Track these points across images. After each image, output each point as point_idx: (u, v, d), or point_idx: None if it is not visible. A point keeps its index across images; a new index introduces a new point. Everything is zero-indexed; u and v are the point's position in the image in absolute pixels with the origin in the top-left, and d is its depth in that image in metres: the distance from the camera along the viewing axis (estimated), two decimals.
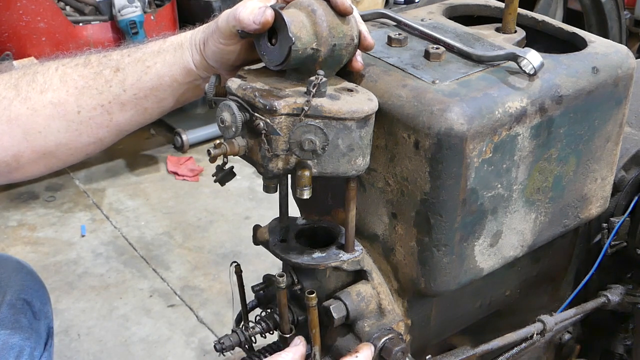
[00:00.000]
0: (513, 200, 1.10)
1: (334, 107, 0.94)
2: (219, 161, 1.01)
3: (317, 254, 1.08)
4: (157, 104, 1.13)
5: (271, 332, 1.13)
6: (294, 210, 1.18)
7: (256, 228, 1.14)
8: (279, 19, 0.96)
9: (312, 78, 0.94)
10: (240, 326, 1.15)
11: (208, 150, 0.96)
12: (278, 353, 1.06)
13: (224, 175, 1.06)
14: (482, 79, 1.05)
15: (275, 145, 0.95)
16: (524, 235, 1.16)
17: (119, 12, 3.11)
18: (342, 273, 1.12)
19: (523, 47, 1.16)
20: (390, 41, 1.15)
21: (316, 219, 1.17)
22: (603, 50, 1.17)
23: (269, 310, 1.14)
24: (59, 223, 2.96)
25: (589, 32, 1.24)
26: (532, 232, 1.17)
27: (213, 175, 1.05)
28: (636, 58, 1.20)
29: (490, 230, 1.09)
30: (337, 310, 1.09)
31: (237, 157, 1.00)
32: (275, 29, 0.97)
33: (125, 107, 1.12)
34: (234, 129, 0.95)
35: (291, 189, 1.11)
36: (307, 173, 0.97)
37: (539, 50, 1.07)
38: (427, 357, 1.18)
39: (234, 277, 1.21)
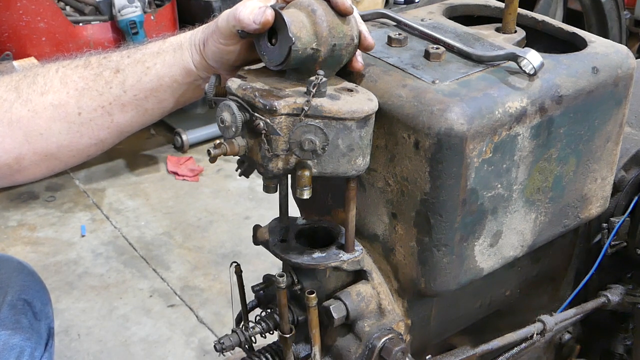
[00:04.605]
0: (513, 200, 1.10)
1: (334, 107, 0.94)
2: (234, 159, 1.00)
3: (317, 254, 1.08)
4: (158, 104, 1.13)
5: (271, 332, 1.13)
6: (294, 210, 1.18)
7: (256, 228, 1.14)
8: (279, 19, 0.96)
9: (312, 78, 0.94)
10: (240, 326, 1.15)
11: (208, 150, 0.96)
12: None
13: (247, 168, 1.06)
14: (482, 79, 1.05)
15: (275, 145, 0.95)
16: (524, 235, 1.16)
17: (119, 12, 3.11)
18: (342, 273, 1.12)
19: (523, 47, 1.16)
20: (390, 41, 1.15)
21: (316, 219, 1.17)
22: (603, 50, 1.17)
23: (269, 310, 1.14)
24: (59, 223, 2.97)
25: (589, 32, 1.24)
26: (532, 232, 1.17)
27: (236, 170, 1.05)
28: (636, 58, 1.20)
29: (490, 230, 1.09)
30: (337, 310, 1.09)
31: (236, 157, 1.00)
32: (275, 29, 0.97)
33: (126, 108, 1.12)
34: (234, 129, 0.95)
35: (291, 189, 1.11)
36: (307, 173, 0.97)
37: (539, 50, 1.07)
38: (427, 357, 1.18)
39: (234, 277, 1.21)
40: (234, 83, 0.99)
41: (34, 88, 1.11)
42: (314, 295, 1.05)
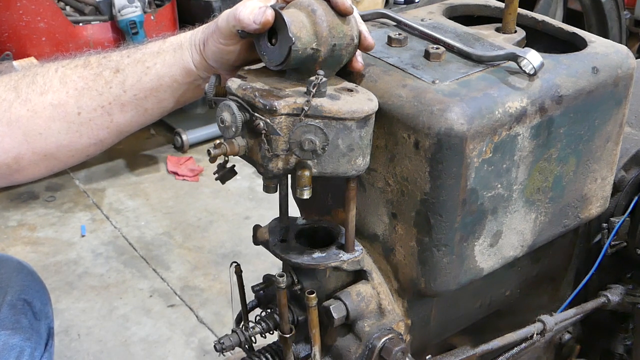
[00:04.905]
0: (513, 200, 1.10)
1: (334, 107, 0.94)
2: (220, 160, 1.01)
3: (317, 254, 1.08)
4: (158, 104, 1.13)
5: (271, 332, 1.13)
6: (294, 210, 1.18)
7: (256, 228, 1.14)
8: (279, 19, 0.96)
9: (312, 78, 0.94)
10: (240, 326, 1.15)
11: (208, 150, 0.96)
12: None
13: (225, 173, 1.06)
14: (482, 79, 1.05)
15: (275, 145, 0.95)
16: (524, 235, 1.16)
17: (119, 12, 3.11)
18: (342, 273, 1.12)
19: (523, 47, 1.16)
20: (390, 41, 1.15)
21: (316, 219, 1.17)
22: (603, 50, 1.17)
23: (269, 310, 1.14)
24: (59, 223, 2.96)
25: (589, 32, 1.24)
26: (532, 232, 1.17)
27: (214, 174, 1.05)
28: (636, 58, 1.20)
29: (490, 230, 1.09)
30: (337, 310, 1.09)
31: (237, 157, 1.00)
32: (275, 29, 0.97)
33: (126, 108, 1.12)
34: (234, 129, 0.95)
35: (291, 189, 1.11)
36: (307, 173, 0.97)
37: (539, 50, 1.07)
38: (427, 357, 1.18)
39: (234, 277, 1.21)
40: (234, 83, 0.99)
41: (33, 88, 1.11)
42: (314, 295, 1.05)
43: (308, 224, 1.15)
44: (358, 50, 1.04)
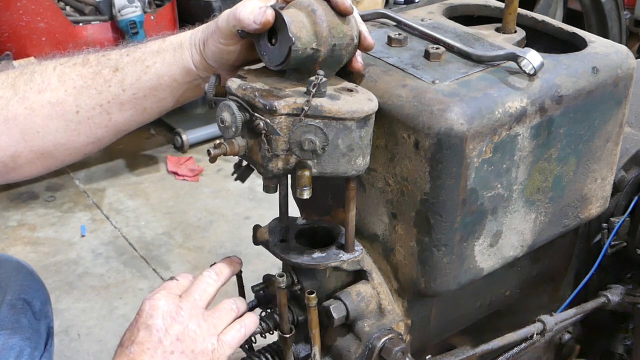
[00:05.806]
0: (513, 200, 1.10)
1: (334, 107, 0.94)
2: (234, 159, 1.01)
3: (317, 254, 1.08)
4: (157, 103, 1.13)
5: (271, 332, 1.13)
6: (294, 210, 1.18)
7: (256, 228, 1.14)
8: (279, 19, 0.96)
9: (312, 78, 0.94)
10: None
11: (208, 150, 0.96)
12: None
13: (243, 172, 1.06)
14: (482, 79, 1.05)
15: (275, 145, 0.95)
16: (524, 235, 1.16)
17: (119, 12, 3.11)
18: (342, 273, 1.12)
19: (523, 47, 1.16)
20: (390, 41, 1.15)
21: (316, 219, 1.17)
22: (603, 50, 1.17)
23: (269, 310, 1.14)
24: (59, 223, 2.96)
25: (589, 32, 1.24)
26: (532, 232, 1.17)
27: (232, 174, 1.05)
28: (636, 58, 1.20)
29: (490, 230, 1.09)
30: (337, 311, 1.09)
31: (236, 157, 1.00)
32: (275, 29, 0.97)
33: (124, 107, 1.12)
34: (234, 129, 0.95)
35: (291, 189, 1.11)
36: (307, 173, 0.97)
37: (539, 50, 1.07)
38: (427, 357, 1.18)
39: (234, 277, 1.21)
40: (234, 83, 0.99)
41: (31, 85, 1.11)
42: (314, 295, 1.05)
43: (308, 224, 1.15)
44: (358, 50, 1.04)
